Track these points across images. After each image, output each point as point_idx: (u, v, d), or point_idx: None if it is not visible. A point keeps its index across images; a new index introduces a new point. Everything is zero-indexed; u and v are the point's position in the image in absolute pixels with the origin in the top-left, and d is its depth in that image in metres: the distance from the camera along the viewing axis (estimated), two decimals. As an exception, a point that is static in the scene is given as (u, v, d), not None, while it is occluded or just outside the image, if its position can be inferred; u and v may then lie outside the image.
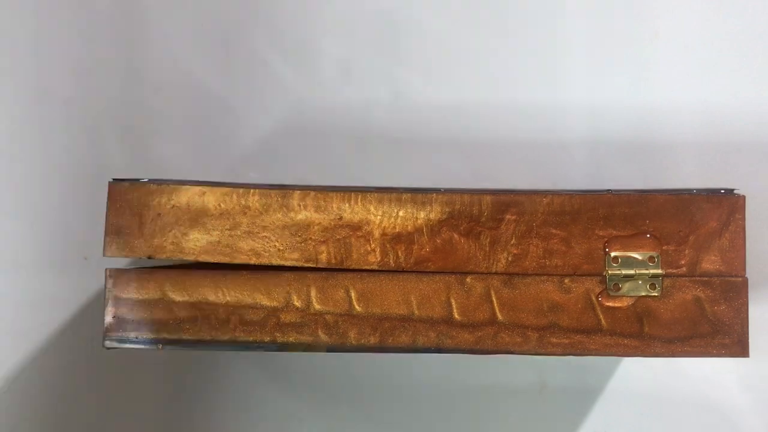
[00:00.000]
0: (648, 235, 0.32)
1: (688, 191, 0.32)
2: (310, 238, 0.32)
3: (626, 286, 0.32)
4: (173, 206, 0.32)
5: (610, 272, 0.32)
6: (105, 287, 0.31)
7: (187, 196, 0.32)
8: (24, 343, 0.43)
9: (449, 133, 0.44)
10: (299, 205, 0.32)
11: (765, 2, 0.44)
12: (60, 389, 0.43)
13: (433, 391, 0.42)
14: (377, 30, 0.44)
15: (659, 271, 0.32)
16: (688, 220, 0.32)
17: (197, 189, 0.32)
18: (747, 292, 0.32)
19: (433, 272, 0.31)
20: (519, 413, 0.43)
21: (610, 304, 0.32)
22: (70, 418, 0.43)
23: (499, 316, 0.32)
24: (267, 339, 0.31)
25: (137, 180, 0.32)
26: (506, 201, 0.32)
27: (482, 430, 0.43)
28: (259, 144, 0.44)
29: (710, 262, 0.32)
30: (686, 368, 0.43)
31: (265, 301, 0.31)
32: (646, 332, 0.32)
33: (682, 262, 0.32)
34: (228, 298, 0.31)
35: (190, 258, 0.31)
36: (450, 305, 0.32)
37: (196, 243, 0.31)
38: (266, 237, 0.31)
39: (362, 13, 0.45)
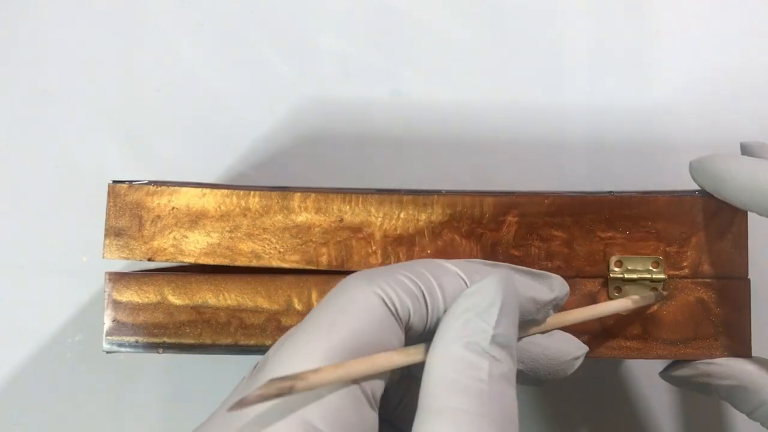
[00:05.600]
0: (650, 238, 0.32)
1: (691, 193, 0.32)
2: (311, 240, 0.31)
3: (628, 290, 0.32)
4: (173, 208, 0.31)
5: (612, 276, 0.31)
6: (104, 291, 0.31)
7: (187, 197, 0.31)
8: (24, 343, 0.43)
9: (450, 133, 0.44)
10: (300, 207, 0.31)
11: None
12: (60, 389, 0.43)
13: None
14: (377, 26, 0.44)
15: (662, 276, 0.31)
16: (690, 221, 0.32)
17: (197, 191, 0.31)
18: (750, 292, 0.32)
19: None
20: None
21: (613, 306, 0.32)
22: (70, 418, 0.43)
23: (501, 318, 0.32)
24: (269, 342, 0.31)
25: (137, 181, 0.32)
26: (508, 202, 0.32)
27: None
28: (259, 143, 0.44)
29: (712, 264, 0.32)
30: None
31: (266, 304, 0.31)
32: (648, 334, 0.32)
33: (685, 264, 0.32)
34: (228, 302, 0.31)
35: (190, 260, 0.31)
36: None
37: (196, 245, 0.31)
38: (267, 239, 0.31)
39: (362, 11, 0.44)
